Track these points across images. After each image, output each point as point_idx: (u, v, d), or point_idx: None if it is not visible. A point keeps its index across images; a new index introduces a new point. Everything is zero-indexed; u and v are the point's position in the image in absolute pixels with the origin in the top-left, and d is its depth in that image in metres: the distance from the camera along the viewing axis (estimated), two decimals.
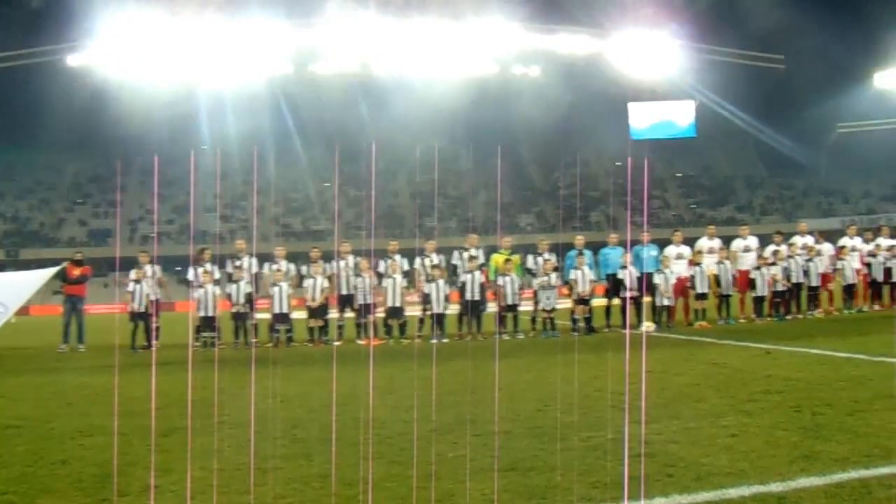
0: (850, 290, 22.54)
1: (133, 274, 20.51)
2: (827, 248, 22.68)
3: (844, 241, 23.07)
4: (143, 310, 20.16)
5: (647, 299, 20.62)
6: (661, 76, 73.12)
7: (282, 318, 19.99)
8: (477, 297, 20.01)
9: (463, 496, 5.73)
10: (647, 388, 9.39)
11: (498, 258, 20.66)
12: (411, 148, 74.67)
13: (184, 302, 26.21)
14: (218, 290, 20.08)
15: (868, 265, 22.65)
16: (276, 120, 76.24)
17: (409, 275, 20.69)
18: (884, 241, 23.07)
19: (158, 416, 8.93)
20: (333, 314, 20.66)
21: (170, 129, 74.34)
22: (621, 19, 69.57)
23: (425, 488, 5.88)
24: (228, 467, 6.64)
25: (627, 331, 19.73)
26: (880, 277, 22.61)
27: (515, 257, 20.84)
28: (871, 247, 22.85)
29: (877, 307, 22.61)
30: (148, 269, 20.79)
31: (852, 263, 22.39)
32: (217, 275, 20.51)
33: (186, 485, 6.21)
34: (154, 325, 20.08)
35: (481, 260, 20.64)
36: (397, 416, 8.77)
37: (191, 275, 20.51)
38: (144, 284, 20.26)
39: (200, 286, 19.93)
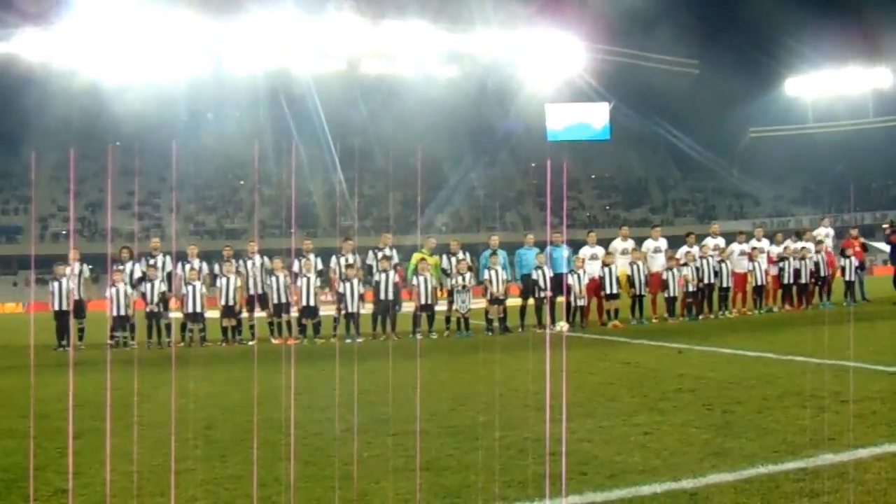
0: (759, 291, 22.88)
1: (55, 271, 20.15)
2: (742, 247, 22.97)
3: (753, 242, 23.39)
4: (66, 308, 19.79)
5: (560, 299, 20.76)
6: (577, 78, 73.93)
7: (195, 317, 19.82)
8: (391, 297, 19.95)
9: (378, 496, 5.72)
10: (560, 388, 9.45)
11: (416, 257, 20.64)
12: (327, 146, 74.31)
13: (98, 301, 25.75)
14: (131, 289, 19.84)
15: (781, 268, 22.99)
16: (191, 116, 75.27)
17: (323, 274, 20.61)
18: (792, 244, 23.47)
19: (70, 418, 8.76)
20: (246, 313, 20.51)
21: (83, 125, 72.99)
22: (539, 21, 70.16)
23: (340, 488, 5.85)
24: (141, 469, 6.54)
25: (541, 331, 19.85)
26: (790, 280, 22.98)
27: (434, 258, 20.81)
28: (779, 249, 23.24)
29: (787, 307, 23.00)
30: (76, 266, 20.41)
31: (761, 265, 22.72)
32: (137, 273, 20.27)
33: (98, 488, 6.11)
34: (79, 326, 19.90)
35: (395, 259, 20.58)
36: (312, 416, 8.72)
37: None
38: (66, 282, 19.86)
39: (114, 285, 19.65)
